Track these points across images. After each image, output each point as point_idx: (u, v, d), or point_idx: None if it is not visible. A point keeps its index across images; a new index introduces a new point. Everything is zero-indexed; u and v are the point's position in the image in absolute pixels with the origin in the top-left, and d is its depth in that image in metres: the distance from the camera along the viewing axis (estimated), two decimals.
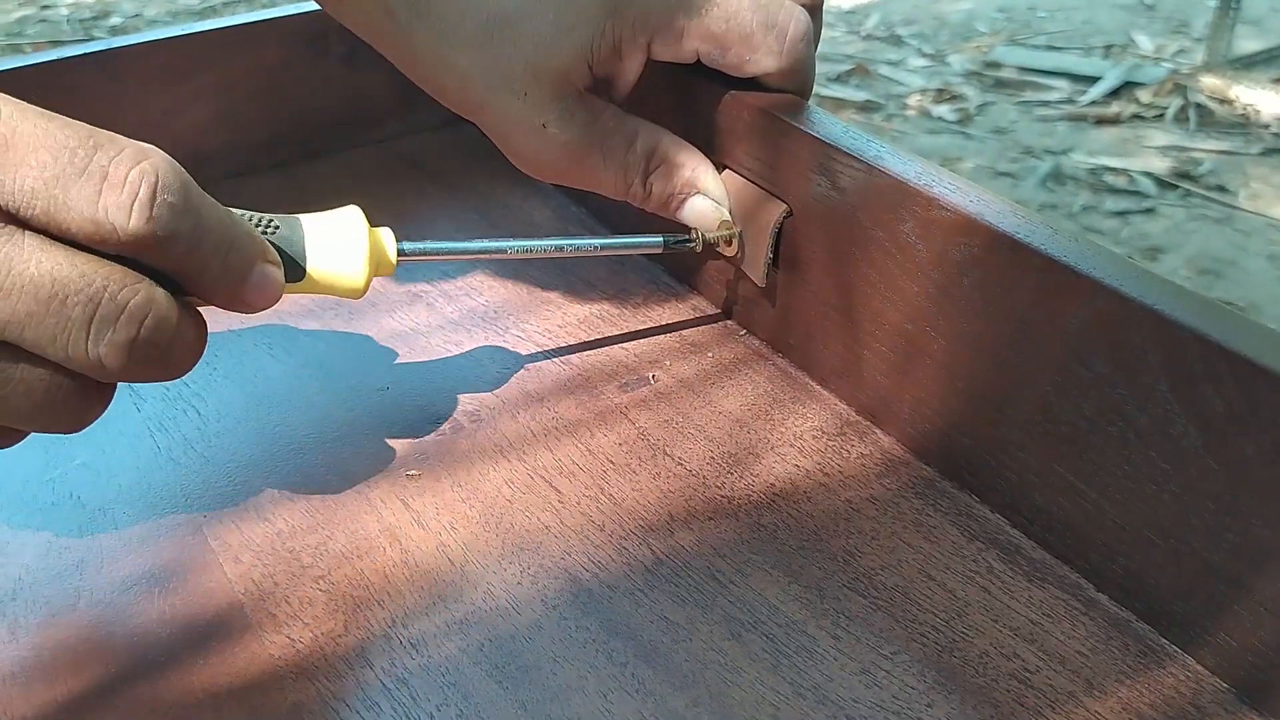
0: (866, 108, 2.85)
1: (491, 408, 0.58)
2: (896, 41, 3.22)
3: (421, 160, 0.81)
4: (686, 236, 0.59)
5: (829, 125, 0.55)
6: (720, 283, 0.65)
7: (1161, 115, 2.85)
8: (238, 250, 0.43)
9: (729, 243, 0.60)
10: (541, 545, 0.50)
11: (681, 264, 0.68)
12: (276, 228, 0.47)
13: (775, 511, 0.52)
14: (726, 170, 0.61)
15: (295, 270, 0.48)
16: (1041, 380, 0.47)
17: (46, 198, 0.37)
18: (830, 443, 0.56)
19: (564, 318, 0.65)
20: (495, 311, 0.65)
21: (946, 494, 0.52)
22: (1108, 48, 3.19)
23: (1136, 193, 2.52)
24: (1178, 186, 2.54)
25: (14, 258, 0.37)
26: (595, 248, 0.58)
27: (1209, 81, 2.96)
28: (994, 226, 0.47)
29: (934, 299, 0.51)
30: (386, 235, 0.52)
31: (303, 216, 0.49)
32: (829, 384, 0.59)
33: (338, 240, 0.49)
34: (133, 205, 0.37)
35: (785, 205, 0.57)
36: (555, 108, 0.57)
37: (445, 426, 0.57)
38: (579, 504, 0.52)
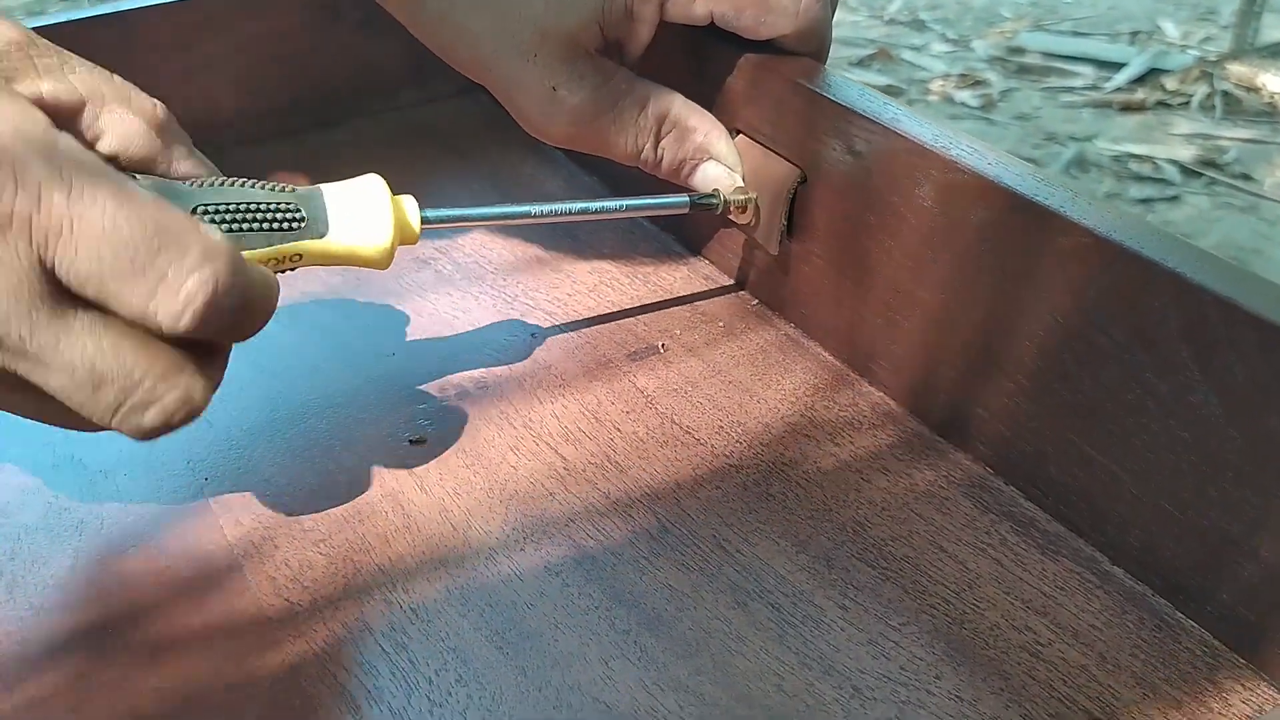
0: (888, 93, 2.82)
1: (499, 375, 0.57)
2: (919, 26, 3.19)
3: (435, 129, 0.80)
4: (710, 195, 0.58)
5: (845, 88, 0.54)
6: (732, 251, 0.64)
7: (1187, 102, 2.82)
8: (265, 308, 0.41)
9: (743, 209, 0.59)
10: (546, 512, 0.49)
11: (693, 232, 0.67)
12: (291, 205, 0.46)
13: (784, 480, 0.51)
14: (740, 135, 0.60)
15: (317, 232, 0.47)
16: (1060, 348, 0.46)
17: (99, 285, 0.36)
18: (842, 413, 0.55)
19: (573, 286, 0.64)
20: (504, 279, 0.64)
21: (960, 465, 0.51)
22: (1134, 34, 3.16)
23: (1161, 180, 2.49)
24: (1203, 174, 2.51)
25: (61, 338, 0.36)
26: (621, 208, 0.57)
27: (1235, 69, 2.93)
28: (1014, 190, 0.46)
29: (951, 266, 0.50)
30: (409, 203, 0.51)
31: (324, 186, 0.48)
32: (841, 354, 0.58)
33: (361, 209, 0.48)
34: (184, 312, 0.36)
35: (799, 171, 0.56)
36: (565, 70, 0.56)
37: (451, 393, 0.56)
38: (584, 471, 0.51)
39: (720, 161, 0.58)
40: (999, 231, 0.47)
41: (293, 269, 0.47)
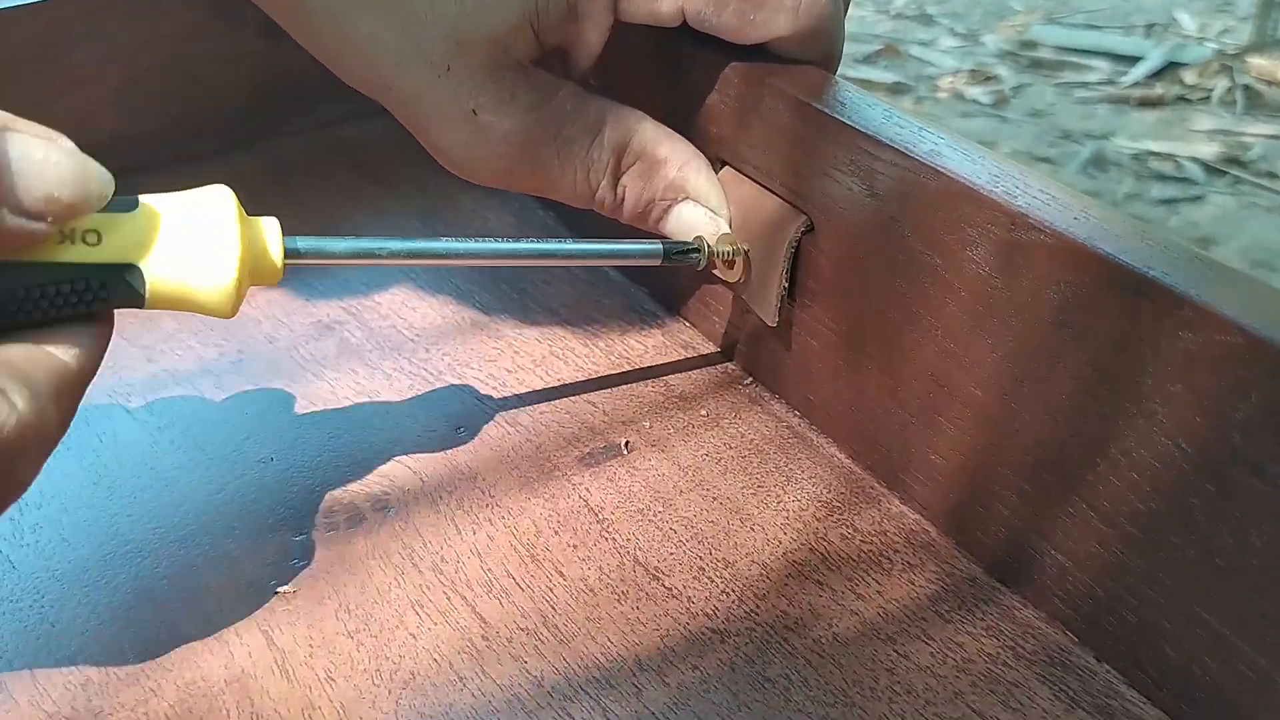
0: (896, 90, 2.68)
1: (406, 490, 0.43)
2: (927, 20, 3.05)
3: (358, 153, 0.66)
4: (690, 245, 0.44)
5: (865, 108, 0.40)
6: (718, 312, 0.49)
7: (1207, 97, 2.68)
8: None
9: (730, 264, 0.44)
10: (453, 708, 0.35)
11: (670, 286, 0.52)
12: (80, 282, 0.32)
13: (787, 655, 0.37)
14: (726, 169, 0.46)
15: (132, 280, 0.33)
16: (1183, 487, 0.31)
17: None
18: (865, 545, 0.40)
19: (515, 358, 0.50)
20: (428, 349, 0.50)
21: (1030, 629, 0.37)
22: (1149, 26, 3.01)
23: (1184, 179, 2.35)
24: (1227, 173, 2.37)
25: None
26: (577, 254, 0.43)
27: (1256, 62, 2.78)
28: (1116, 260, 0.32)
29: (1014, 359, 0.35)
30: (270, 228, 0.37)
31: (147, 198, 0.34)
32: (861, 457, 0.43)
33: (196, 234, 0.34)
34: None
35: (804, 216, 0.42)
36: (489, 87, 0.42)
37: (340, 517, 0.42)
38: (511, 641, 0.37)
39: (700, 202, 0.44)
40: (1090, 316, 0.33)
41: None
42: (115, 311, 0.34)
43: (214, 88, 0.66)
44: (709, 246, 0.44)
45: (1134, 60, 2.82)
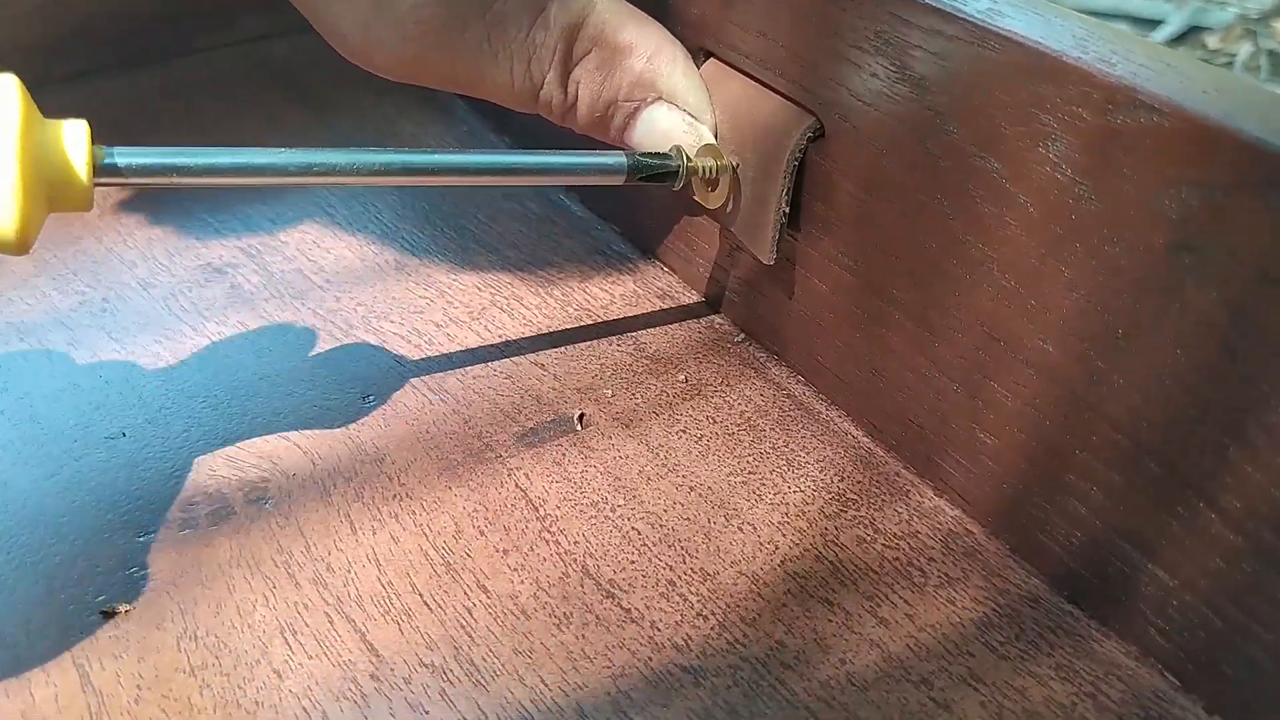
0: None
1: (291, 475, 0.33)
2: None
3: (283, 71, 0.56)
4: (665, 157, 0.33)
5: None
6: (703, 254, 0.39)
7: (1231, 63, 2.58)
8: None
9: (711, 183, 0.34)
10: None
11: (643, 224, 0.42)
12: None
13: (785, 705, 0.27)
14: (710, 61, 0.35)
15: None
16: None
17: None
18: (887, 550, 0.30)
19: (447, 309, 0.40)
20: (338, 297, 0.40)
21: (1118, 676, 0.27)
22: None
23: None
24: None
25: None
26: (503, 169, 0.32)
27: None
28: (1272, 148, 0.21)
29: (1103, 300, 0.25)
30: (73, 134, 0.27)
31: None
32: (883, 434, 0.33)
33: None
34: None
35: (811, 118, 0.32)
36: None
37: (201, 512, 0.32)
38: (408, 684, 0.27)
39: (674, 104, 0.34)
40: (1224, 234, 0.23)
41: None
42: None
43: None
44: (687, 159, 0.34)
45: (1155, 24, 2.71)
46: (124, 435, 0.34)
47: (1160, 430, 0.25)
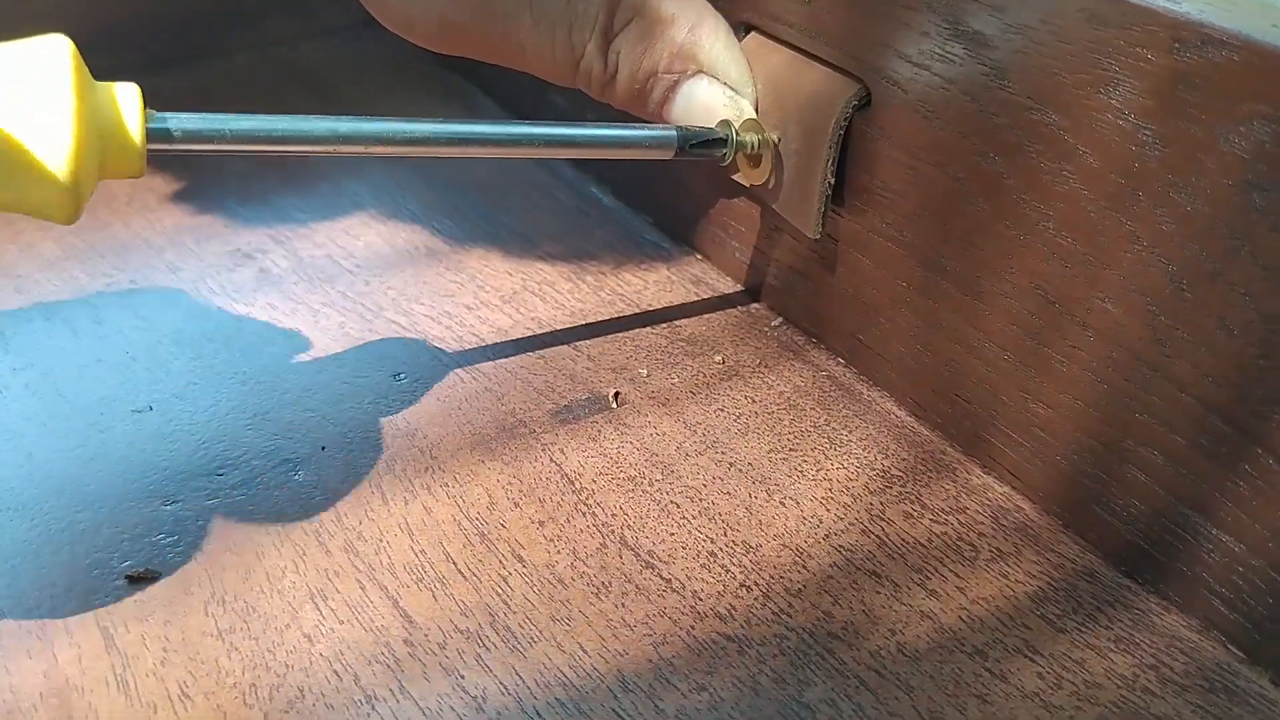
0: None
1: (320, 447, 0.32)
2: None
3: (310, 74, 0.55)
4: (713, 133, 0.33)
5: None
6: (741, 239, 0.39)
7: None
8: None
9: (754, 160, 0.34)
10: None
11: (677, 212, 0.42)
12: None
13: (834, 675, 0.26)
14: (752, 35, 0.35)
15: None
16: None
17: None
18: (937, 527, 0.30)
19: (478, 293, 0.39)
20: (368, 282, 0.40)
21: (1181, 648, 0.26)
22: None
23: None
24: None
25: None
26: (548, 141, 0.32)
27: None
28: None
29: (1171, 253, 0.25)
30: (125, 96, 0.26)
31: None
32: (932, 415, 0.33)
33: (9, 93, 0.24)
34: None
35: (858, 85, 0.31)
36: None
37: (229, 481, 0.31)
38: (443, 649, 0.26)
39: (716, 77, 0.33)
40: None
41: None
42: None
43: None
44: (735, 134, 0.33)
45: None
46: (150, 409, 0.34)
47: (1227, 386, 0.24)
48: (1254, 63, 0.22)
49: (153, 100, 0.27)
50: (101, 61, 0.39)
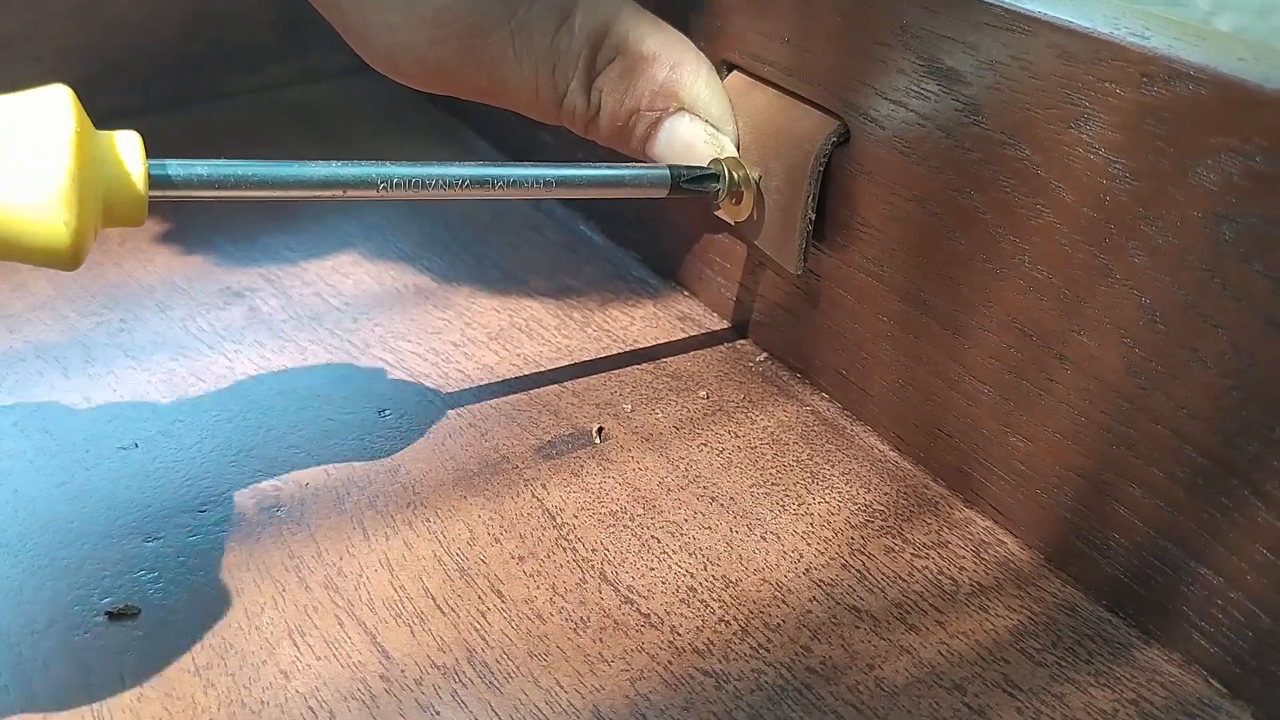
0: None
1: (304, 484, 0.32)
2: None
3: (307, 114, 0.56)
4: (705, 170, 0.33)
5: None
6: (726, 276, 0.39)
7: None
8: None
9: (735, 196, 0.34)
10: None
11: (663, 249, 0.42)
12: None
13: (813, 710, 0.26)
14: (734, 74, 0.35)
15: None
16: None
17: None
18: (919, 562, 0.29)
19: (465, 330, 0.39)
20: (355, 320, 0.40)
21: (1161, 682, 0.26)
22: None
23: None
24: None
25: None
26: (546, 180, 0.32)
27: None
28: None
29: (1145, 287, 0.25)
30: (126, 144, 0.26)
31: None
32: (915, 451, 0.33)
33: (12, 144, 0.24)
34: None
35: (836, 121, 0.32)
36: None
37: (211, 518, 0.31)
38: (419, 685, 0.26)
39: (697, 114, 0.34)
40: (1269, 204, 0.22)
41: None
42: None
43: (139, 38, 0.56)
44: (728, 172, 0.33)
45: None
46: (136, 446, 0.34)
47: (1202, 418, 0.24)
48: (1221, 96, 0.22)
49: (154, 141, 0.27)
50: (102, 103, 0.39)
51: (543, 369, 0.37)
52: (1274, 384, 0.23)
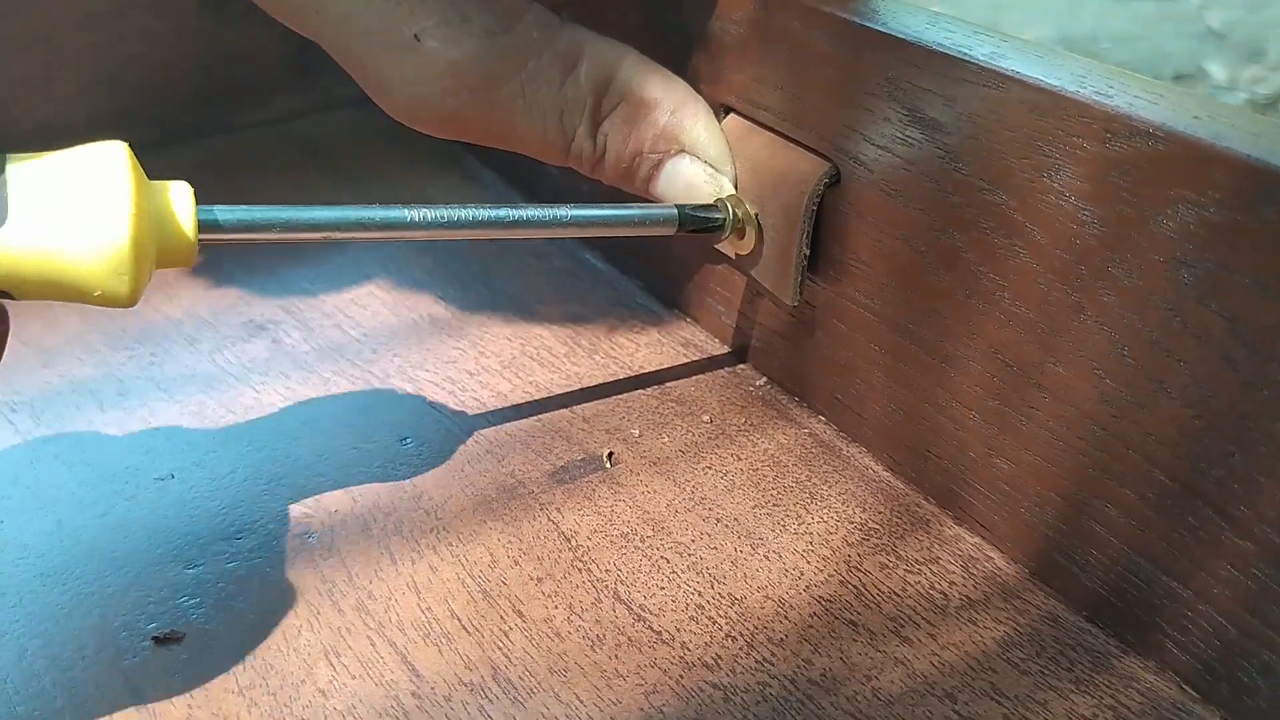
0: None
1: (334, 511, 0.34)
2: None
3: (317, 147, 0.58)
4: (712, 208, 0.35)
5: (903, 14, 0.31)
6: (726, 303, 0.41)
7: None
8: None
9: (740, 231, 0.36)
10: None
11: (666, 278, 0.44)
12: None
13: (814, 719, 0.28)
14: (731, 116, 0.37)
15: None
16: None
17: None
18: (912, 577, 0.32)
19: (479, 359, 0.41)
20: (375, 351, 0.42)
21: (1138, 689, 0.28)
22: (1177, 77, 2.95)
23: None
24: None
25: None
26: (564, 221, 0.34)
27: None
28: (1261, 164, 0.23)
29: (1114, 323, 0.27)
30: (179, 194, 0.28)
31: (16, 157, 0.27)
32: (907, 470, 0.35)
33: (75, 197, 0.26)
34: None
35: (828, 164, 0.34)
36: (435, 7, 0.34)
37: (247, 545, 0.33)
38: (449, 701, 0.28)
39: (698, 157, 0.36)
40: (1220, 250, 0.24)
41: None
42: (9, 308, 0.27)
43: (152, 74, 0.58)
44: (731, 210, 0.35)
45: None
46: (173, 477, 0.36)
47: (1169, 444, 0.26)
48: (1177, 153, 0.24)
49: (169, 174, 0.29)
50: (118, 137, 0.41)
51: (554, 395, 0.39)
52: (1232, 414, 0.25)
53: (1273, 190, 0.23)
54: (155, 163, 0.29)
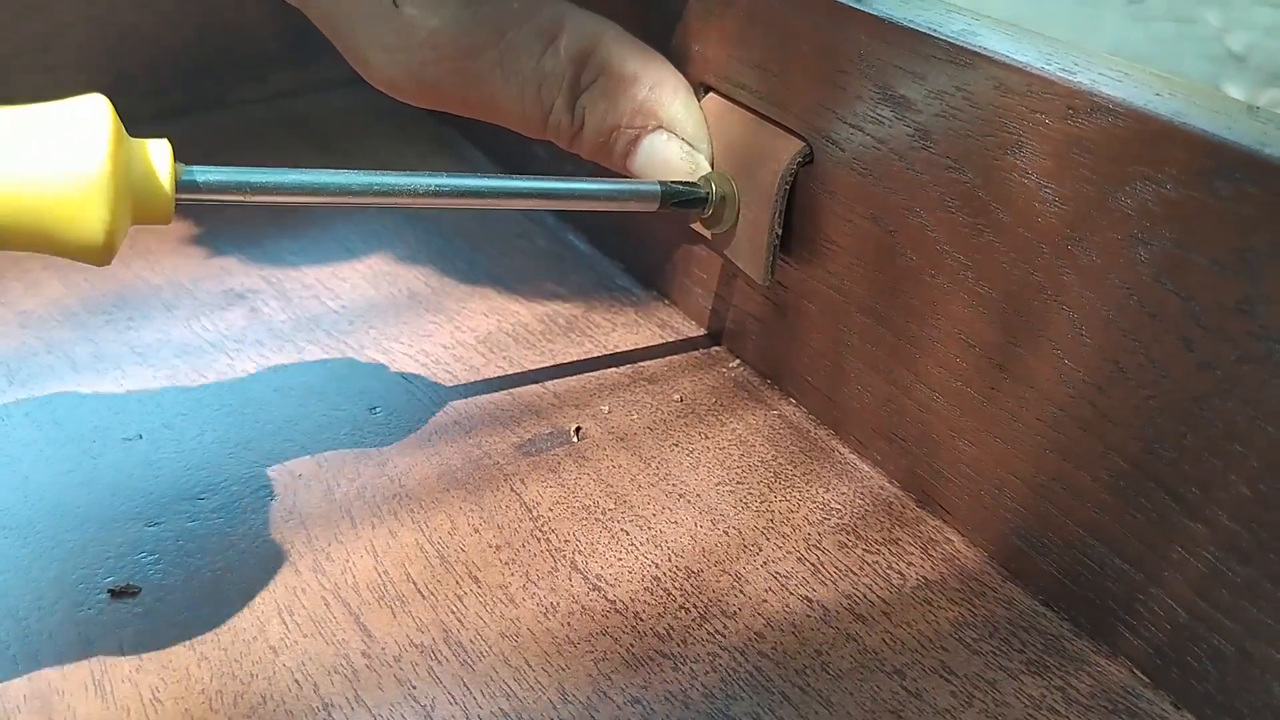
0: None
1: (297, 475, 0.34)
2: None
3: (310, 122, 0.58)
4: (694, 186, 0.35)
5: None
6: (703, 285, 0.41)
7: None
8: None
9: (716, 211, 0.36)
10: None
11: (647, 259, 0.44)
12: None
13: (761, 690, 0.28)
14: (710, 95, 0.37)
15: None
16: None
17: None
18: (869, 557, 0.31)
19: (455, 334, 0.41)
20: (351, 323, 0.42)
21: (1089, 671, 0.28)
22: None
23: None
24: None
25: None
26: (547, 192, 0.34)
27: None
28: (1220, 140, 0.23)
29: (1073, 302, 0.27)
30: (158, 151, 0.28)
31: None
32: (878, 456, 0.35)
33: (52, 147, 0.26)
34: None
35: (801, 143, 0.34)
36: None
37: (209, 505, 0.33)
38: (398, 662, 0.28)
39: (675, 133, 0.36)
40: (1178, 227, 0.24)
41: None
42: None
43: (148, 48, 0.58)
44: (714, 188, 0.35)
45: None
46: (140, 438, 0.36)
47: (1123, 425, 0.26)
48: (1137, 129, 0.24)
49: None
50: (116, 108, 0.41)
51: (527, 371, 0.39)
52: (1186, 395, 0.25)
53: (1228, 167, 0.23)
54: (148, 136, 0.29)
